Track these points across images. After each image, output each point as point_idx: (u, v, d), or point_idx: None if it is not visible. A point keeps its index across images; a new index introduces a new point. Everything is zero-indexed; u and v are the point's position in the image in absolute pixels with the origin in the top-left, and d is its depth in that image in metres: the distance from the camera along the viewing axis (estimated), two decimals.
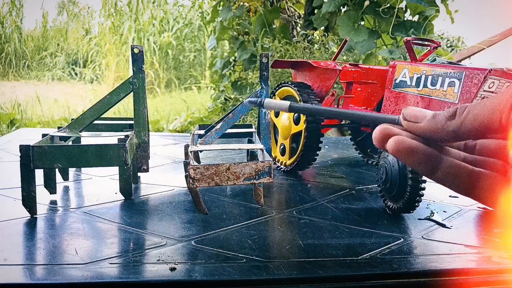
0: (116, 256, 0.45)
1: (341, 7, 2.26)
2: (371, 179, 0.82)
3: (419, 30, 1.95)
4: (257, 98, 0.31)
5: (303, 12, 2.73)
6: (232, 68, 3.08)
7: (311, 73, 0.84)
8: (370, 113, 0.29)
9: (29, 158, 0.55)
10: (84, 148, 0.57)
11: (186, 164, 0.57)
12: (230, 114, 0.69)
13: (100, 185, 0.73)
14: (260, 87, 0.72)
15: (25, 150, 0.54)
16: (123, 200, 0.64)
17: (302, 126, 0.77)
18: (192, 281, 0.41)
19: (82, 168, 0.82)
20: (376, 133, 0.24)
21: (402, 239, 0.52)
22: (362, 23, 2.14)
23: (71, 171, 0.79)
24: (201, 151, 0.70)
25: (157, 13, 5.58)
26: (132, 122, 0.73)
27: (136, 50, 0.68)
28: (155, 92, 4.91)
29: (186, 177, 0.55)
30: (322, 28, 2.43)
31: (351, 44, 2.05)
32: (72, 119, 0.69)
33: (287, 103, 0.29)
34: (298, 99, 0.78)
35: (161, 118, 3.41)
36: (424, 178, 0.57)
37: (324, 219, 0.59)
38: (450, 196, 0.71)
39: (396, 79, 0.70)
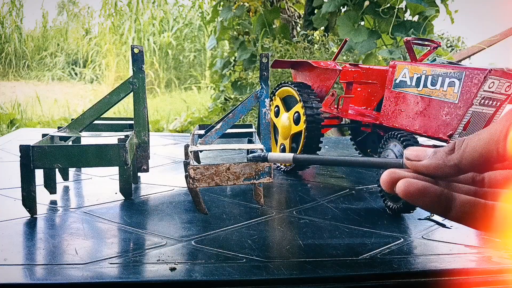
0: (116, 256, 0.45)
1: (341, 7, 2.26)
2: (371, 179, 0.82)
3: (419, 30, 1.95)
4: (259, 154, 0.31)
5: (303, 12, 2.73)
6: (232, 68, 3.08)
7: (311, 73, 0.84)
8: (375, 159, 0.29)
9: (29, 158, 0.55)
10: (84, 148, 0.57)
11: (186, 164, 0.57)
12: (230, 114, 0.69)
13: (100, 185, 0.73)
14: (260, 87, 0.72)
15: (25, 150, 0.54)
16: (123, 200, 0.64)
17: (302, 126, 0.77)
18: (192, 281, 0.41)
19: (82, 168, 0.82)
20: (384, 178, 0.25)
21: (402, 239, 0.52)
22: (362, 23, 2.14)
23: (71, 171, 0.79)
24: (201, 151, 0.70)
25: (157, 13, 5.58)
26: (132, 122, 0.73)
27: (136, 50, 0.68)
28: (155, 92, 4.91)
29: (186, 177, 0.55)
30: (322, 28, 2.43)
31: (351, 44, 2.05)
32: (72, 119, 0.69)
33: (290, 155, 0.30)
34: (298, 99, 0.78)
35: (161, 118, 3.41)
36: None
37: (324, 219, 0.59)
38: None
39: (396, 79, 0.70)
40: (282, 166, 0.85)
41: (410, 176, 0.24)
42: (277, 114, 0.86)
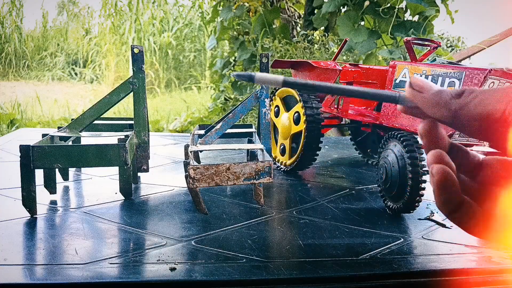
0: (116, 256, 0.45)
1: (341, 7, 2.26)
2: (371, 179, 0.82)
3: (419, 30, 1.95)
4: (247, 73, 0.28)
5: (303, 12, 2.73)
6: (232, 68, 3.08)
7: (311, 73, 0.84)
8: (370, 89, 0.28)
9: (29, 158, 0.55)
10: (84, 148, 0.57)
11: (186, 164, 0.57)
12: (230, 114, 0.69)
13: (100, 185, 0.73)
14: (260, 87, 0.72)
15: (25, 150, 0.54)
16: (123, 200, 0.64)
17: (302, 126, 0.77)
18: (192, 281, 0.41)
19: (82, 168, 0.82)
20: (431, 155, 0.24)
21: (402, 239, 0.52)
22: (362, 23, 2.14)
23: (71, 171, 0.79)
24: (201, 151, 0.70)
25: (157, 13, 5.58)
26: (132, 122, 0.73)
27: (136, 50, 0.68)
28: (155, 92, 4.91)
29: (186, 177, 0.55)
30: (322, 28, 2.43)
31: (351, 44, 2.05)
32: (72, 119, 0.69)
33: (280, 77, 0.27)
34: (298, 99, 0.78)
35: (161, 118, 3.41)
36: (424, 178, 0.57)
37: (324, 219, 0.59)
38: None
39: (396, 79, 0.70)
40: (282, 166, 0.85)
41: (449, 167, 0.23)
42: (277, 114, 0.86)
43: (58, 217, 0.57)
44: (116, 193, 0.67)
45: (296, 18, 2.84)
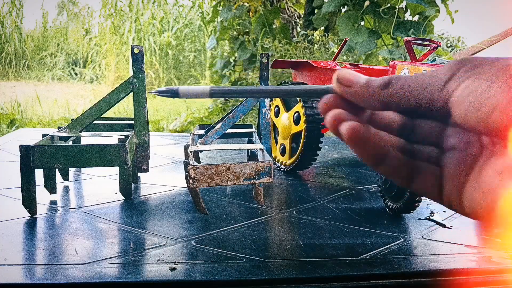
0: (116, 256, 0.45)
1: (341, 7, 2.26)
2: (371, 179, 0.82)
3: (419, 30, 1.94)
4: (169, 88, 0.26)
5: (303, 12, 2.73)
6: (232, 68, 3.08)
7: (311, 73, 0.84)
8: (301, 86, 0.26)
9: (29, 158, 0.55)
10: (84, 148, 0.57)
11: (186, 164, 0.57)
12: (230, 114, 0.69)
13: (100, 185, 0.73)
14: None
15: (25, 150, 0.54)
16: (123, 200, 0.64)
17: (302, 126, 0.77)
18: (192, 281, 0.41)
19: (82, 168, 0.82)
20: (329, 117, 0.24)
21: (402, 239, 0.52)
22: (362, 23, 2.14)
23: (71, 171, 0.79)
24: (201, 151, 0.70)
25: (157, 13, 5.58)
26: (132, 122, 0.73)
27: (136, 50, 0.68)
28: None
29: (186, 177, 0.55)
30: (322, 28, 2.43)
31: (351, 44, 2.05)
32: (72, 119, 0.70)
33: (207, 87, 0.25)
34: (298, 99, 0.78)
35: (161, 118, 3.40)
36: None
37: (324, 219, 0.59)
38: None
39: None
40: (282, 166, 0.85)
41: (356, 120, 0.23)
42: (277, 114, 0.86)
43: (58, 217, 0.57)
44: (116, 193, 0.67)
45: (296, 18, 2.84)
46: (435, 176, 0.23)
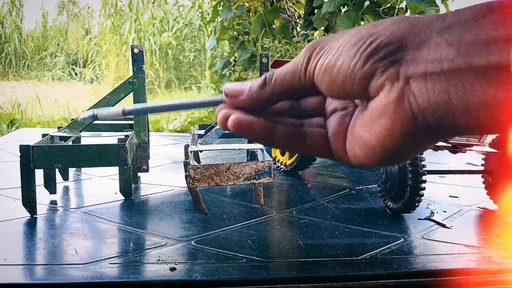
0: (116, 256, 0.45)
1: (341, 7, 2.26)
2: (371, 179, 0.82)
3: None
4: (90, 111, 0.29)
5: (303, 12, 2.73)
6: (232, 68, 3.08)
7: None
8: (196, 99, 0.29)
9: (29, 158, 0.55)
10: (84, 148, 0.57)
11: (186, 164, 0.57)
12: None
13: (100, 185, 0.73)
14: None
15: (25, 150, 0.54)
16: (123, 200, 0.64)
17: None
18: (192, 281, 0.41)
19: (82, 168, 0.82)
20: (219, 117, 0.26)
21: (402, 239, 0.52)
22: (362, 23, 2.14)
23: (71, 171, 0.79)
24: (201, 151, 0.70)
25: (157, 13, 5.58)
26: (132, 122, 0.73)
27: (136, 50, 0.68)
28: (155, 92, 4.91)
29: (186, 177, 0.55)
30: (322, 28, 2.43)
31: None
32: (72, 119, 0.69)
33: (120, 108, 0.29)
34: None
35: (161, 118, 3.40)
36: (424, 178, 0.57)
37: (324, 219, 0.59)
38: (450, 196, 0.71)
39: None
40: (282, 166, 0.85)
41: (237, 113, 0.26)
42: None
43: (58, 217, 0.57)
44: (116, 193, 0.67)
45: (296, 18, 2.83)
46: (323, 137, 0.26)
